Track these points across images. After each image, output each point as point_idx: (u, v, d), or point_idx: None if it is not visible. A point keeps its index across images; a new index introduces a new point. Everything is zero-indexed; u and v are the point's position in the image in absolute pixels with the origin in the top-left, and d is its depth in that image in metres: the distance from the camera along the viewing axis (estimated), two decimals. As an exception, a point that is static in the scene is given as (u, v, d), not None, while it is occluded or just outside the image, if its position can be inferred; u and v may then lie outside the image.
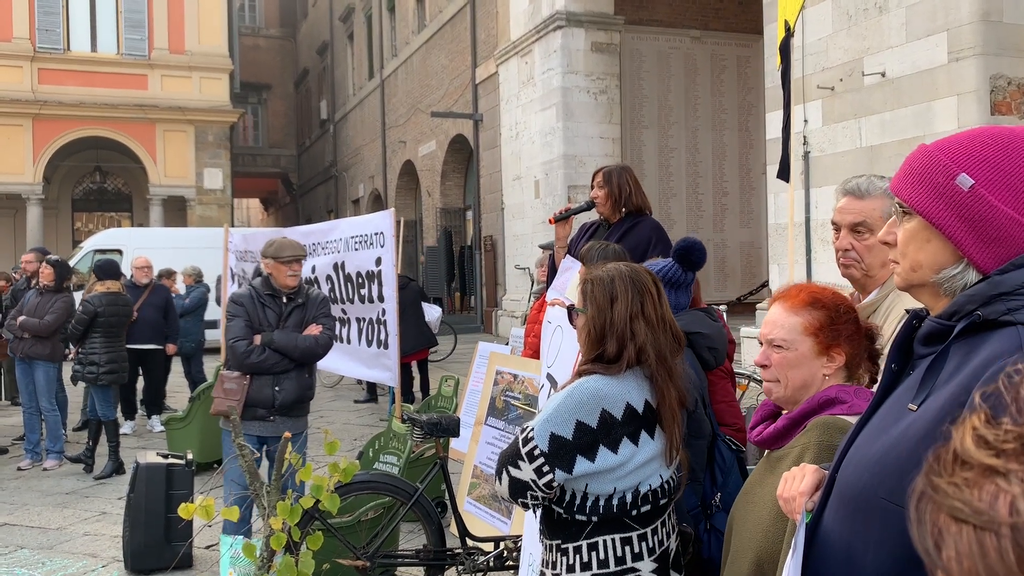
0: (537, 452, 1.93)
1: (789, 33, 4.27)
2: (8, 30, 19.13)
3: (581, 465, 1.92)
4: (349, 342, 5.41)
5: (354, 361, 5.43)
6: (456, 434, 4.00)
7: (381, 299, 5.05)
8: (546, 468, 1.92)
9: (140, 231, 17.41)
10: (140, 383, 8.66)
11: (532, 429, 1.97)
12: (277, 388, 4.24)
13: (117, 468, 6.76)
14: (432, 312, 9.93)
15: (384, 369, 5.11)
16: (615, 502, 1.96)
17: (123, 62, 20.19)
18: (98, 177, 23.20)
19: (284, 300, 4.33)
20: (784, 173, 4.49)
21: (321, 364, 6.32)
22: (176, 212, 20.78)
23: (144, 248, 12.41)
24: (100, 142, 20.49)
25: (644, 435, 1.96)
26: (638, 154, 14.33)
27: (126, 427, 8.42)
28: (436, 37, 19.28)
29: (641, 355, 1.98)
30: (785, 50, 4.31)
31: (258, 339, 4.25)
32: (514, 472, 1.97)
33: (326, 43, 29.01)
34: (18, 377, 7.36)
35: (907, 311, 1.26)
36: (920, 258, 1.15)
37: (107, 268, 7.23)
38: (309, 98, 32.13)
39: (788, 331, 1.71)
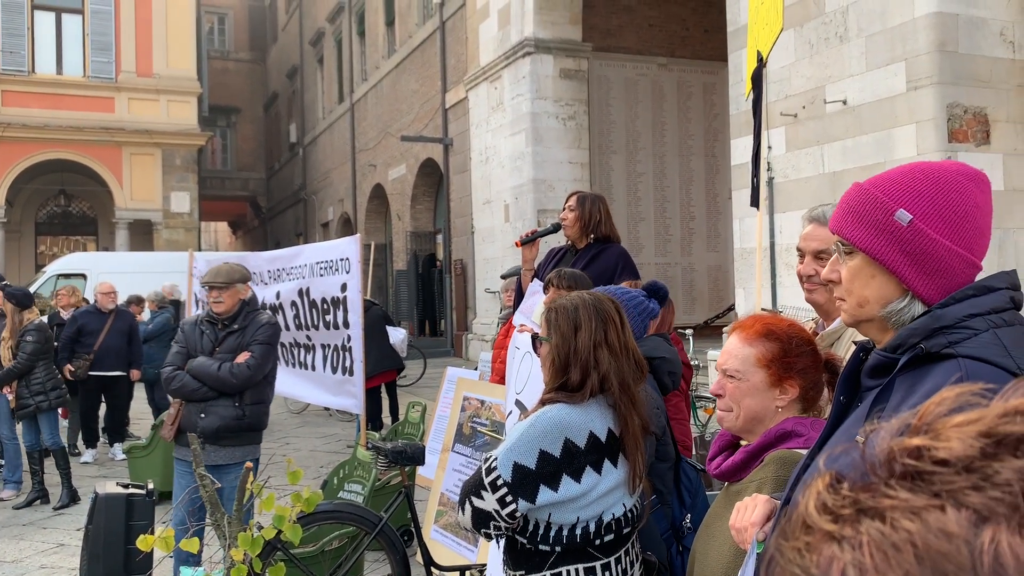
0: (500, 482, 1.91)
1: (761, 63, 4.33)
2: (-29, 52, 18.91)
3: (544, 495, 1.90)
4: (314, 368, 5.36)
5: (319, 388, 5.38)
6: (421, 462, 3.98)
7: (347, 325, 5.02)
8: (509, 498, 1.91)
9: (105, 255, 17.20)
10: (103, 410, 8.51)
11: (495, 459, 1.95)
12: (202, 415, 4.23)
13: (72, 496, 6.61)
14: (396, 335, 9.87)
15: (349, 396, 5.06)
16: (578, 531, 1.94)
17: (89, 84, 20.01)
18: (63, 200, 22.87)
19: (219, 326, 4.32)
20: (755, 200, 4.54)
21: (285, 391, 6.27)
22: (142, 236, 20.54)
23: (109, 272, 12.25)
24: (65, 165, 20.23)
25: (607, 464, 1.95)
26: (606, 179, 14.44)
27: (87, 455, 8.25)
28: (406, 62, 19.36)
29: (604, 383, 1.97)
30: (757, 79, 4.38)
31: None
32: (477, 503, 1.95)
33: (296, 67, 28.99)
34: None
35: (854, 343, 1.27)
36: (866, 294, 1.17)
37: (22, 298, 6.91)
38: (278, 121, 32.03)
39: (741, 362, 1.72)
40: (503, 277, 8.42)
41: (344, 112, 23.88)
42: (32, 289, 10.47)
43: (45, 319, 7.40)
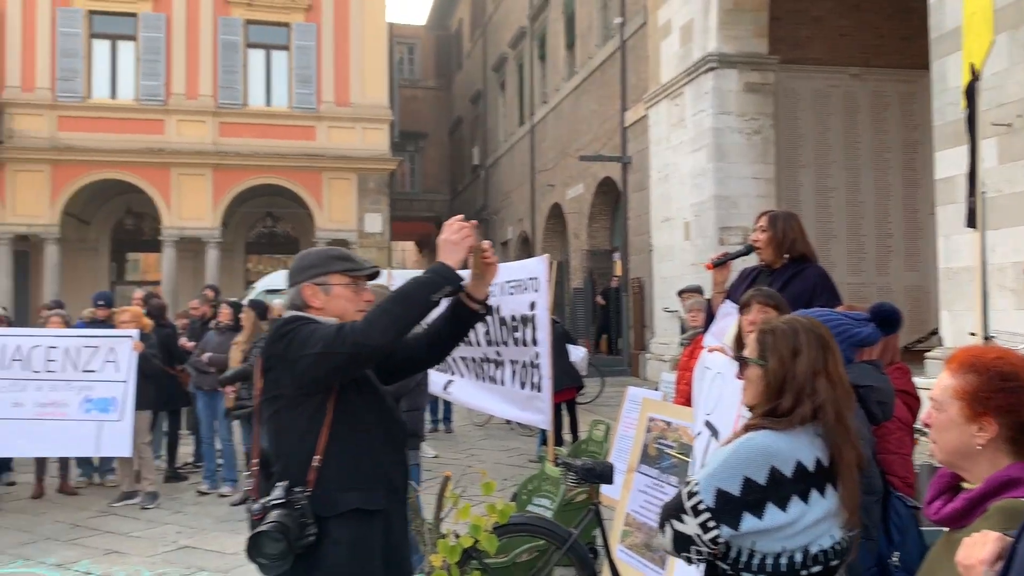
0: (702, 507, 1.90)
1: (975, 76, 4.07)
2: (195, 89, 21.01)
3: (748, 522, 1.88)
4: (503, 383, 5.54)
5: (507, 402, 5.55)
6: (610, 481, 4.00)
7: (535, 342, 5.15)
8: (711, 523, 1.89)
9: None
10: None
11: (697, 483, 1.94)
12: None
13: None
14: (576, 353, 9.96)
15: (537, 411, 5.19)
16: (783, 561, 1.90)
17: (294, 115, 21.67)
18: (269, 222, 24.87)
19: None
20: (971, 220, 4.25)
21: (474, 403, 6.50)
22: (338, 254, 21.94)
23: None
24: (272, 189, 21.99)
25: (815, 494, 1.90)
26: (794, 194, 13.92)
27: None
28: (586, 83, 19.58)
29: (819, 413, 1.93)
30: (971, 93, 4.12)
31: None
32: (678, 526, 1.94)
33: (479, 92, 30.04)
34: (200, 408, 7.95)
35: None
36: None
37: (262, 310, 7.70)
38: (462, 145, 33.29)
39: (942, 392, 1.66)
40: (679, 293, 8.32)
41: (524, 134, 24.46)
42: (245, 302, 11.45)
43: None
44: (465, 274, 2.46)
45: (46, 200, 20.18)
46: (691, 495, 1.93)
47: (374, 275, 2.63)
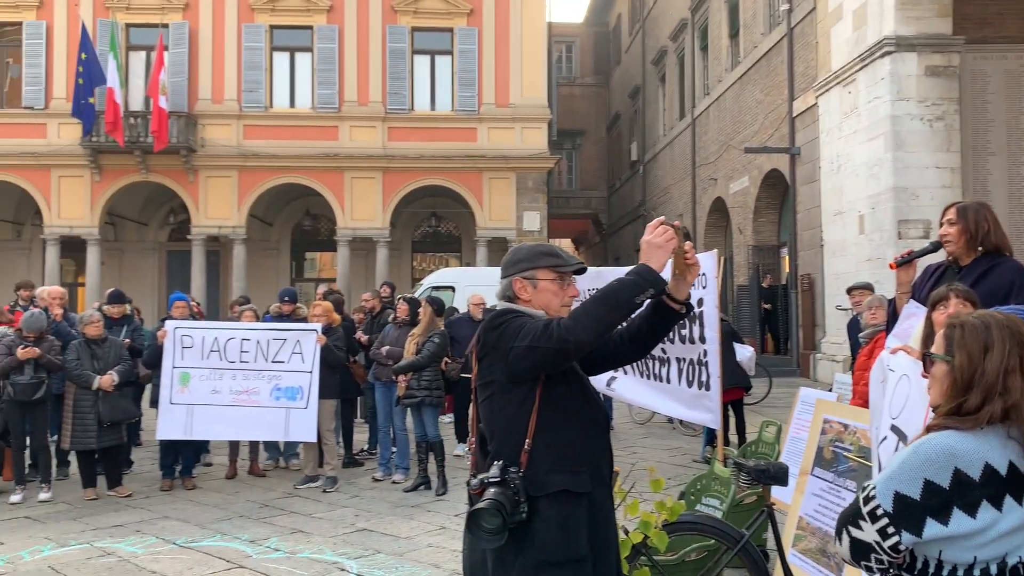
0: (880, 512, 1.80)
1: None
2: (366, 96, 22.06)
3: (932, 528, 1.75)
4: (668, 381, 5.49)
5: (674, 401, 5.49)
6: (784, 483, 3.88)
7: (702, 340, 5.08)
8: (891, 530, 1.78)
9: (469, 270, 18.96)
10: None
11: (874, 487, 1.84)
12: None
13: (445, 485, 7.43)
14: (743, 352, 9.69)
15: (705, 410, 5.11)
16: (976, 572, 1.76)
17: (456, 118, 22.31)
18: (433, 221, 25.75)
19: None
20: None
21: (638, 400, 6.48)
22: (498, 252, 22.38)
23: (473, 286, 13.53)
24: (435, 190, 22.75)
25: (1010, 500, 1.75)
26: (982, 184, 12.90)
27: (459, 449, 9.23)
28: (750, 72, 18.98)
29: (1011, 413, 1.79)
30: None
31: None
32: (855, 532, 1.84)
33: (638, 87, 29.77)
34: (377, 399, 8.37)
35: None
36: None
37: (440, 307, 8.06)
38: (620, 141, 33.11)
39: None
40: (849, 291, 7.93)
41: (685, 128, 24.02)
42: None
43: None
44: (666, 274, 2.50)
45: (234, 204, 21.83)
46: (868, 499, 1.83)
47: (580, 270, 2.73)
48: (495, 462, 2.53)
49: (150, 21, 21.61)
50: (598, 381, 6.34)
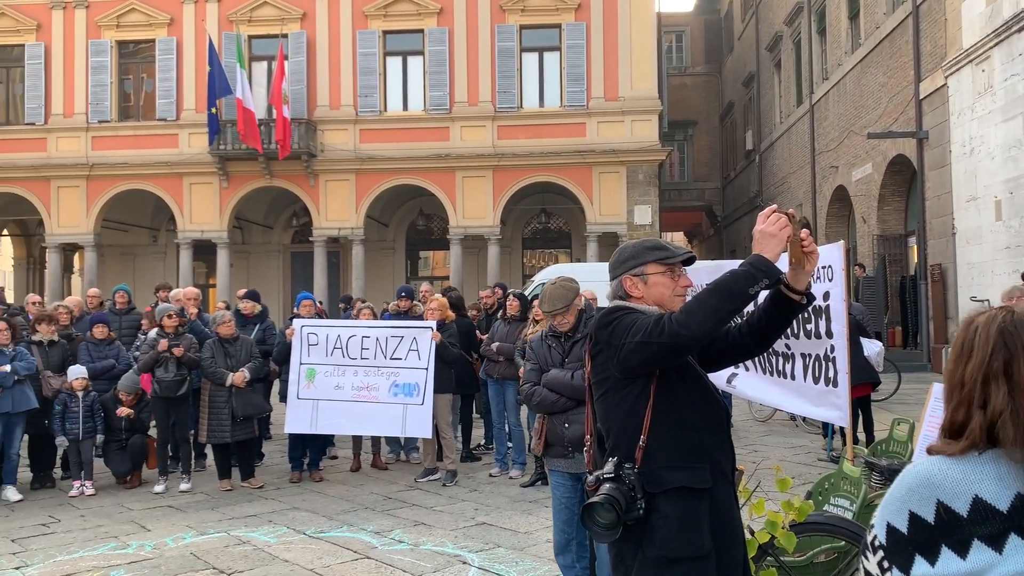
0: (877, 543, 1.52)
1: None
2: (476, 96, 22.33)
3: (919, 567, 1.45)
4: (793, 378, 5.31)
5: (799, 398, 5.31)
6: (921, 483, 3.70)
7: (829, 335, 4.89)
8: (886, 564, 1.50)
9: (580, 266, 18.93)
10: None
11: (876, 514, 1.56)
12: (566, 425, 4.37)
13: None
14: (872, 347, 9.28)
15: (832, 408, 4.92)
16: None
17: (565, 113, 22.29)
18: (543, 218, 25.83)
19: (563, 339, 4.63)
20: None
21: (760, 397, 6.31)
22: (609, 248, 22.22)
23: (584, 282, 13.48)
24: (545, 186, 22.80)
25: (1016, 540, 1.41)
26: None
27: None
28: (872, 55, 18.14)
29: (996, 431, 1.44)
30: None
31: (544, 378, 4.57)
32: (864, 563, 1.57)
33: (752, 74, 28.96)
34: (490, 396, 8.48)
35: None
36: None
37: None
38: (734, 130, 32.30)
39: None
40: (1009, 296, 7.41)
41: (803, 114, 23.21)
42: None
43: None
44: (783, 265, 2.41)
45: (352, 206, 22.53)
46: (870, 527, 1.56)
47: (689, 260, 2.69)
48: (610, 459, 2.51)
49: (270, 32, 22.55)
50: (718, 378, 6.21)
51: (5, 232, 26.84)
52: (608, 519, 2.39)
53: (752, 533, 3.58)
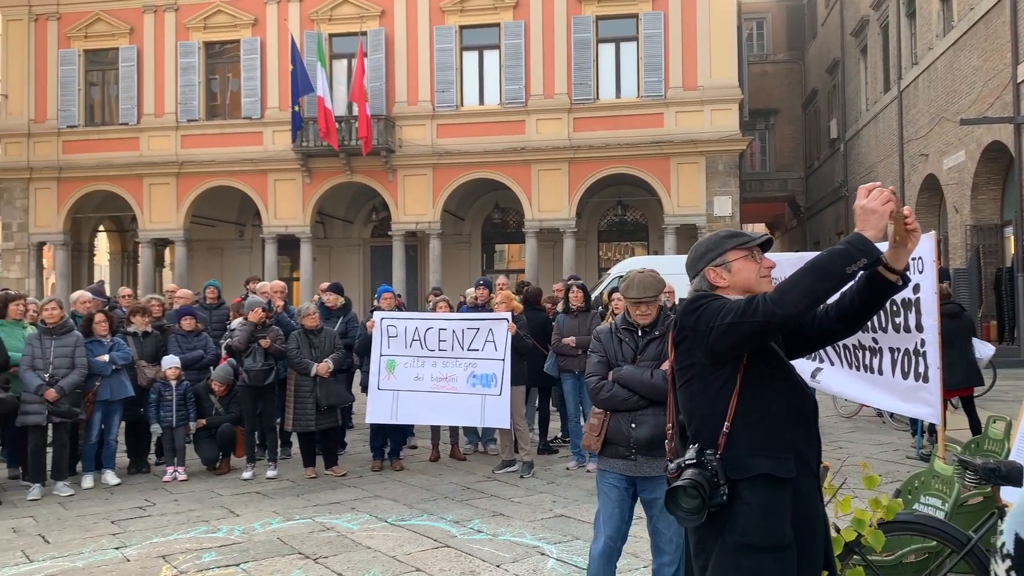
0: (1006, 551, 1.42)
1: None
2: (552, 88, 22.29)
3: None
4: (881, 372, 5.16)
5: (887, 393, 5.16)
6: (1019, 483, 3.55)
7: (919, 328, 4.72)
8: (1013, 574, 1.39)
9: (657, 258, 18.71)
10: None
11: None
12: (632, 425, 4.04)
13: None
14: (986, 349, 8.93)
15: (923, 404, 4.75)
16: None
17: (643, 104, 22.05)
18: (619, 210, 25.65)
19: (639, 333, 4.21)
20: None
21: (846, 393, 6.14)
22: (687, 240, 21.91)
23: (664, 274, 13.29)
24: (621, 178, 22.61)
25: None
26: None
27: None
28: (965, 38, 17.39)
29: None
30: None
31: (611, 375, 4.14)
32: (993, 567, 1.48)
33: (836, 60, 28.11)
34: (566, 390, 8.47)
35: None
36: None
37: None
38: (817, 118, 31.42)
39: None
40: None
41: (890, 101, 22.42)
42: (594, 292, 11.92)
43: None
44: (882, 243, 2.34)
45: (429, 200, 22.80)
46: (999, 533, 1.46)
47: (766, 244, 2.66)
48: (692, 445, 2.51)
49: (350, 30, 22.97)
50: (802, 373, 6.07)
51: (102, 228, 28.09)
52: (692, 504, 2.40)
53: (838, 531, 3.50)
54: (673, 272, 16.02)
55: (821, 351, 5.91)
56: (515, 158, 22.24)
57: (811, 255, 2.62)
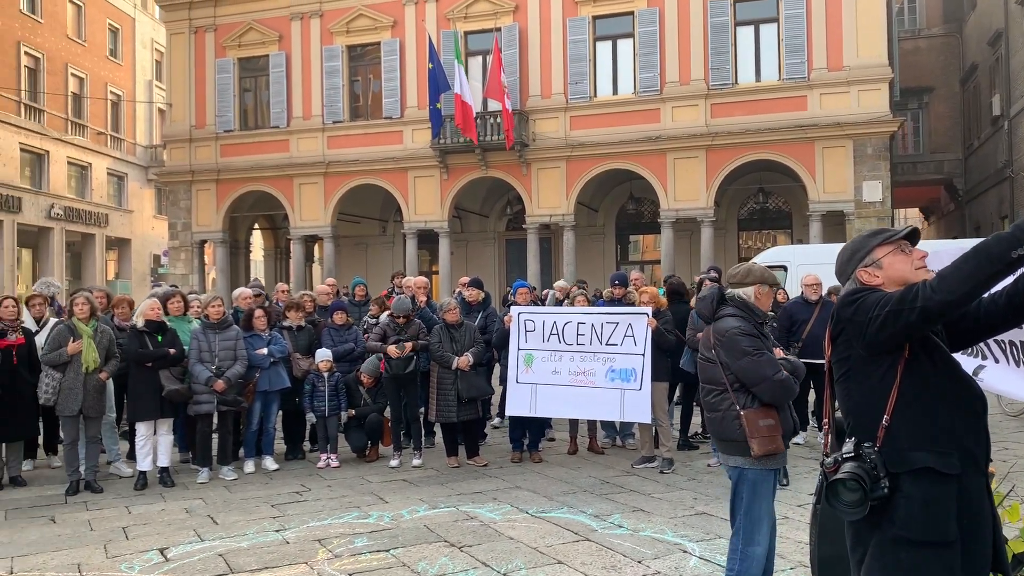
0: None
1: None
2: (688, 74, 21.84)
3: None
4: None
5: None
6: None
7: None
8: None
9: (803, 248, 18.01)
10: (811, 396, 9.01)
11: None
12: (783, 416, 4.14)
13: (786, 477, 7.16)
14: None
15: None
16: None
17: (784, 87, 21.24)
18: (760, 197, 24.85)
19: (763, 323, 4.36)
20: None
21: (1016, 393, 5.72)
22: (834, 227, 21.00)
23: (807, 264, 12.80)
24: (762, 165, 21.89)
25: None
26: None
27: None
28: None
29: None
30: None
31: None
32: None
33: (999, 32, 26.10)
34: (707, 383, 8.33)
35: None
36: None
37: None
38: (977, 95, 29.30)
39: None
40: None
41: (1062, 72, 20.61)
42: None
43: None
44: None
45: (563, 192, 22.87)
46: None
47: (913, 234, 2.63)
48: (850, 439, 2.50)
49: (484, 27, 23.32)
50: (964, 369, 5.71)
51: (257, 226, 29.81)
52: (853, 497, 2.38)
53: (1005, 541, 3.30)
54: (819, 262, 15.45)
55: (984, 348, 5.55)
56: (650, 147, 21.95)
57: (972, 242, 2.52)
